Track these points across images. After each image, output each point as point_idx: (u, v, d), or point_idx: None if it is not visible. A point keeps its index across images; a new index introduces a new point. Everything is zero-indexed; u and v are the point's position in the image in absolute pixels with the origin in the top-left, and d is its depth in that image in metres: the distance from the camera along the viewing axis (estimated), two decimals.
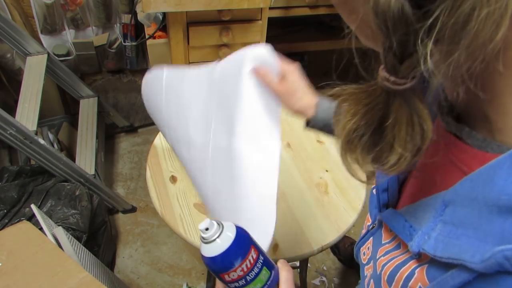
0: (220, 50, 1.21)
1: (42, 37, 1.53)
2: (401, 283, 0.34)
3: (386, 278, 0.38)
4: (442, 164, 0.34)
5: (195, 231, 0.82)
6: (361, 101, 0.29)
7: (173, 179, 0.93)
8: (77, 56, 1.62)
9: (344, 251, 1.51)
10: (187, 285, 1.36)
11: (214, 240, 0.43)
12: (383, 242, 0.42)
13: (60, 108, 1.77)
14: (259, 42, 1.24)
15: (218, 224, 0.44)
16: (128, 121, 1.89)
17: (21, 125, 1.12)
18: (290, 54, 1.86)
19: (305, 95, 0.58)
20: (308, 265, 1.43)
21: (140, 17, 1.37)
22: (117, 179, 1.75)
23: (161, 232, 1.55)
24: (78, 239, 1.16)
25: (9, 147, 1.55)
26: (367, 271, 0.46)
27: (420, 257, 0.33)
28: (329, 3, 1.35)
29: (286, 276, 0.47)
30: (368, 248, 0.47)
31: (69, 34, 1.58)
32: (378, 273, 0.40)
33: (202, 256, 0.44)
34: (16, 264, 0.79)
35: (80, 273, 0.78)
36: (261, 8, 1.16)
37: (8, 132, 1.09)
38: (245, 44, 1.26)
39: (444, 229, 0.29)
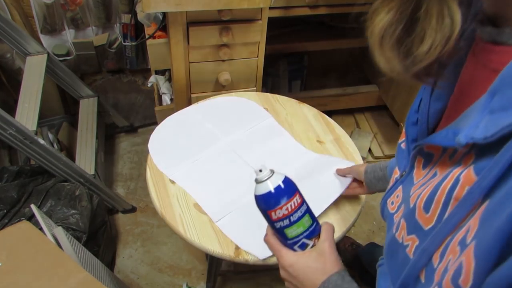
0: (220, 50, 1.21)
1: (42, 37, 1.53)
2: (443, 199, 0.34)
3: (422, 205, 0.37)
4: (483, 78, 0.35)
5: (195, 231, 0.82)
6: None
7: None
8: (77, 56, 1.62)
9: (344, 251, 1.50)
10: (187, 285, 1.36)
11: (265, 180, 0.52)
12: (415, 182, 0.42)
13: (60, 108, 1.77)
14: (259, 42, 1.24)
15: (270, 170, 0.53)
16: (128, 121, 1.89)
17: (21, 125, 1.12)
18: (290, 54, 1.86)
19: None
20: None
21: (140, 17, 1.37)
22: (117, 179, 1.75)
23: (161, 232, 1.55)
24: (78, 239, 1.16)
25: (9, 147, 1.55)
26: (396, 218, 0.45)
27: (461, 164, 0.33)
28: (329, 3, 1.35)
29: (327, 228, 0.55)
30: (397, 196, 0.47)
31: (69, 34, 1.58)
32: (411, 207, 0.39)
33: (255, 196, 0.53)
34: (16, 264, 0.79)
35: (80, 273, 0.78)
36: (261, 8, 1.16)
37: (8, 132, 1.09)
38: (245, 44, 1.27)
39: (492, 117, 0.29)
